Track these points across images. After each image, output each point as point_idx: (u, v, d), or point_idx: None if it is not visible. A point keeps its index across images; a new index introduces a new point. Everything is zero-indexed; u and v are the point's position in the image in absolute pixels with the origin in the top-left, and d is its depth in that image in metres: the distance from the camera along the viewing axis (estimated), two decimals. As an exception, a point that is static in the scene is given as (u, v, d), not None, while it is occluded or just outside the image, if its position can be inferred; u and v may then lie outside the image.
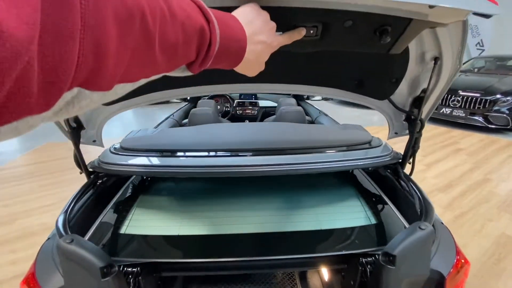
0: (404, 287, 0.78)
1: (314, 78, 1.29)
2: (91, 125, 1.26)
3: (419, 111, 1.09)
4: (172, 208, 1.23)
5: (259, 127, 1.45)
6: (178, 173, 1.11)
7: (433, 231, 0.80)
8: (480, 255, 2.09)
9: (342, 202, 1.24)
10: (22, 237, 2.43)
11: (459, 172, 3.45)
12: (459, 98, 5.19)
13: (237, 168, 1.07)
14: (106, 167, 1.12)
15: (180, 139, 1.30)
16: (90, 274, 0.74)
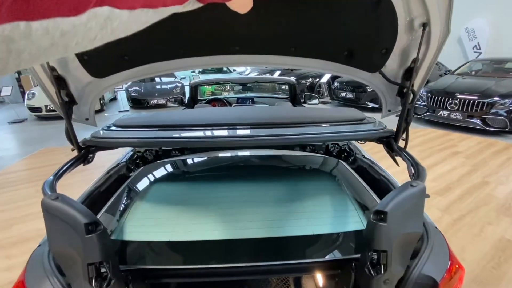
0: (397, 246, 0.77)
1: (303, 48, 1.27)
2: (83, 101, 1.25)
3: (410, 82, 1.09)
4: (164, 214, 1.23)
5: (255, 108, 1.46)
6: (170, 143, 1.12)
7: (424, 188, 0.78)
8: (479, 259, 2.07)
9: (335, 205, 1.24)
10: (18, 243, 2.41)
11: (457, 175, 3.45)
12: (457, 101, 5.21)
13: (233, 139, 1.07)
14: (98, 140, 1.12)
15: (174, 116, 1.31)
16: (74, 230, 0.72)
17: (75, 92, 1.18)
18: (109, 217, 1.16)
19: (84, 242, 0.74)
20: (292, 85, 2.95)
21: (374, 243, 0.77)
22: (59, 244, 0.77)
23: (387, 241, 0.76)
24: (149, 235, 1.10)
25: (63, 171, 1.03)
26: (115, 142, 1.14)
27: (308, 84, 8.00)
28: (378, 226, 0.76)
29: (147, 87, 7.92)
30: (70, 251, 0.76)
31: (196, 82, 3.00)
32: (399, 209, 0.75)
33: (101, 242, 0.76)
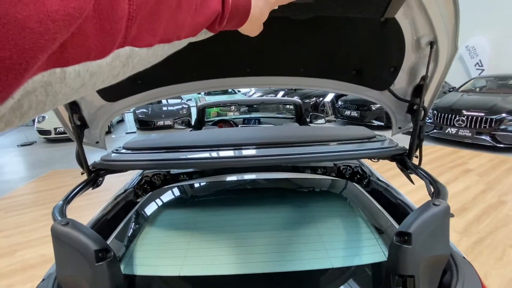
0: (425, 270, 0.71)
1: (312, 69, 1.28)
2: (94, 124, 1.27)
3: (420, 99, 1.08)
4: (173, 245, 1.18)
5: (264, 128, 1.45)
6: (181, 164, 1.10)
7: (448, 207, 0.74)
8: (504, 285, 1.93)
9: (354, 235, 1.18)
10: (21, 270, 2.35)
11: (471, 194, 3.33)
12: (464, 118, 5.17)
13: (243, 159, 1.05)
14: (108, 163, 1.11)
15: (183, 138, 1.30)
16: (84, 257, 0.70)
17: (87, 116, 1.20)
18: (116, 247, 1.13)
19: (93, 270, 0.71)
20: (298, 106, 2.97)
21: (400, 267, 0.72)
22: (67, 272, 0.74)
23: (413, 265, 0.70)
24: (157, 268, 1.05)
25: (73, 196, 1.02)
26: (125, 165, 1.13)
27: (312, 103, 8.08)
28: (403, 248, 0.70)
29: (154, 109, 8.08)
30: (78, 280, 0.73)
31: (204, 105, 3.04)
32: (424, 229, 0.71)
33: (111, 270, 0.73)
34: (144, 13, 0.24)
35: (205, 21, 0.36)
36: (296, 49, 1.16)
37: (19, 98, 0.17)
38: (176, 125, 3.40)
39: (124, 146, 1.28)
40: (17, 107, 0.18)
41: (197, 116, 3.04)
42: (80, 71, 0.21)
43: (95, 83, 0.24)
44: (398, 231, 0.73)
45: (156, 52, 0.30)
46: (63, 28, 0.17)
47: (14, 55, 0.15)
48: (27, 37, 0.15)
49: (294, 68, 1.27)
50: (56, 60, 0.18)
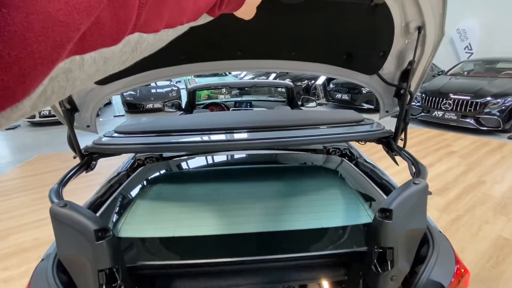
0: (403, 242, 0.79)
1: (303, 52, 1.30)
2: (85, 108, 1.26)
3: (407, 84, 1.13)
4: (166, 211, 1.22)
5: (255, 111, 1.48)
6: (173, 148, 1.13)
7: (427, 185, 0.81)
8: (478, 258, 2.10)
9: (341, 200, 1.26)
10: (14, 254, 2.36)
11: (453, 175, 3.50)
12: (451, 101, 5.29)
13: (235, 143, 1.09)
14: (100, 147, 1.13)
15: (176, 121, 1.32)
16: (84, 237, 0.73)
17: (77, 99, 1.18)
18: (109, 216, 1.16)
19: (94, 248, 0.74)
20: (289, 89, 2.96)
21: (381, 240, 0.79)
22: (68, 251, 0.77)
23: (393, 238, 0.78)
24: (151, 231, 1.09)
25: (68, 178, 1.03)
26: (117, 149, 1.14)
27: (304, 86, 8.05)
28: (384, 223, 0.77)
29: (142, 91, 7.86)
30: (79, 258, 0.76)
31: (194, 87, 2.99)
32: (404, 206, 0.77)
33: (110, 248, 0.76)
34: (152, 0, 0.25)
35: (206, 5, 0.37)
36: (287, 32, 1.16)
37: (45, 84, 0.19)
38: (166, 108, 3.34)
39: (116, 130, 1.27)
40: (42, 93, 0.19)
41: (187, 99, 3.00)
42: (96, 57, 0.22)
43: (106, 69, 0.25)
44: (381, 208, 0.79)
45: (161, 37, 0.32)
46: (86, 18, 0.18)
47: (49, 47, 0.17)
48: (58, 30, 0.17)
49: (286, 51, 1.27)
50: (76, 48, 0.20)
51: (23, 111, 0.18)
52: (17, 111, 0.18)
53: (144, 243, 1.05)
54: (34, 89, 0.17)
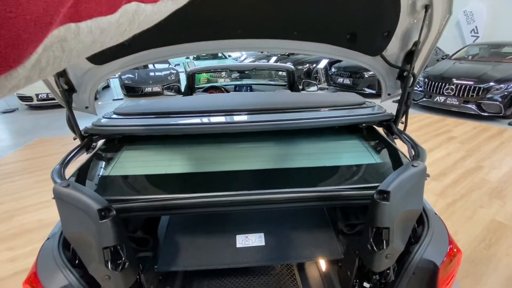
0: (399, 222, 0.82)
1: (305, 32, 1.26)
2: (82, 89, 1.25)
3: (411, 65, 1.11)
4: (162, 148, 1.22)
5: (256, 94, 1.46)
6: (173, 130, 1.12)
7: (425, 168, 0.82)
8: (470, 240, 2.15)
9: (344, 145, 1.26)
10: (19, 234, 2.42)
11: (452, 160, 3.52)
12: (453, 86, 5.22)
13: (236, 125, 1.09)
14: (100, 128, 1.14)
15: (175, 103, 1.31)
16: (88, 216, 0.75)
17: (74, 79, 1.17)
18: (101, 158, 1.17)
19: (98, 227, 0.76)
20: (291, 72, 2.91)
21: (377, 220, 0.81)
22: (73, 230, 0.79)
23: (389, 218, 0.80)
24: (145, 169, 1.11)
25: (69, 159, 1.04)
26: (117, 130, 1.14)
27: (305, 70, 7.91)
28: (381, 204, 0.79)
29: (141, 75, 7.73)
30: (84, 236, 0.78)
31: (193, 70, 2.94)
32: (401, 188, 0.79)
33: (114, 226, 0.78)
34: None
35: None
36: (289, 10, 1.12)
37: (40, 53, 0.18)
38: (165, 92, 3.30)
39: (115, 112, 1.27)
40: (37, 62, 0.19)
41: (187, 82, 2.96)
42: (92, 27, 0.22)
43: (104, 40, 0.25)
44: (379, 189, 0.80)
45: (160, 8, 0.31)
46: None
47: (41, 8, 0.16)
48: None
49: (288, 30, 1.23)
50: (71, 15, 0.19)
51: (17, 81, 0.18)
52: (11, 80, 0.17)
53: (138, 179, 1.07)
54: (27, 56, 0.17)
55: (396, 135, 1.16)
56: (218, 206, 0.93)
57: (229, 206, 0.93)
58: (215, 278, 1.33)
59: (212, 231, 1.32)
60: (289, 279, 1.33)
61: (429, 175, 0.87)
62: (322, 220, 1.40)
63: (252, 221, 1.36)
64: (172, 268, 1.18)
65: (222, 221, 1.38)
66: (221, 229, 1.32)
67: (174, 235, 1.32)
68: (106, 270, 0.79)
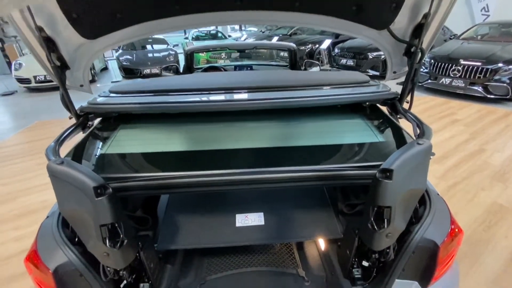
0: (401, 201, 0.80)
1: (308, 3, 1.19)
2: (76, 65, 1.21)
3: (419, 40, 1.06)
4: (159, 127, 1.20)
5: (256, 72, 1.42)
6: (170, 108, 1.08)
7: (430, 146, 0.79)
8: (470, 222, 2.17)
9: (346, 123, 1.23)
10: (24, 215, 2.46)
11: (454, 143, 3.48)
12: (460, 67, 5.07)
13: (235, 103, 1.05)
14: (95, 107, 1.11)
15: (172, 81, 1.28)
16: (84, 193, 0.74)
17: (67, 55, 1.13)
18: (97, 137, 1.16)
19: (94, 204, 0.75)
20: (292, 51, 2.81)
21: (379, 199, 0.79)
22: (69, 207, 0.78)
23: (391, 197, 0.77)
24: (141, 148, 1.10)
25: (64, 138, 1.03)
26: (112, 108, 1.12)
27: (308, 51, 7.70)
28: (384, 183, 0.76)
29: (139, 56, 7.57)
30: (81, 213, 0.77)
31: (192, 49, 2.85)
32: (406, 166, 0.76)
33: (111, 204, 0.77)
34: None
35: None
36: None
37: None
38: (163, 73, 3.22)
39: (111, 90, 1.24)
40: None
41: (185, 62, 2.87)
42: None
43: None
44: (381, 168, 0.78)
45: None
46: None
47: None
48: None
49: (289, 1, 1.16)
50: None
51: None
52: None
53: (133, 158, 1.05)
54: None
55: (401, 114, 1.12)
56: (217, 185, 0.92)
57: (228, 185, 0.92)
58: (215, 256, 1.34)
59: (212, 211, 1.32)
60: (288, 257, 1.34)
61: (434, 154, 0.84)
62: (322, 200, 1.39)
63: (252, 200, 1.36)
64: (172, 247, 1.19)
65: (222, 201, 1.38)
66: (221, 209, 1.33)
67: (174, 214, 1.33)
68: (104, 247, 0.79)
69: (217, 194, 1.43)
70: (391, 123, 1.17)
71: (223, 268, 1.29)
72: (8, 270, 1.90)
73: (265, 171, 0.90)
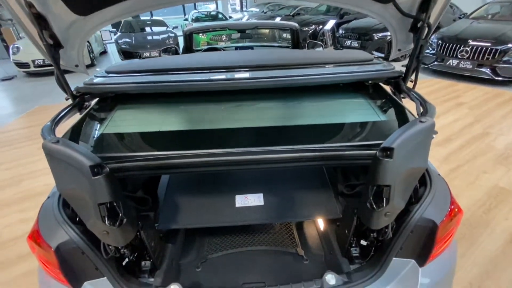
0: (401, 180, 0.79)
1: None
2: (70, 44, 1.18)
3: (426, 14, 1.01)
4: (157, 107, 1.19)
5: (257, 50, 1.38)
6: (168, 87, 1.05)
7: (433, 124, 0.77)
8: (470, 204, 2.17)
9: (348, 101, 1.21)
10: (29, 197, 2.51)
11: (458, 126, 3.43)
12: (468, 48, 4.90)
13: (234, 81, 1.02)
14: (91, 87, 1.10)
15: (170, 60, 1.25)
16: (80, 172, 0.74)
17: (59, 33, 1.09)
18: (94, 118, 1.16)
19: (91, 184, 0.75)
20: (295, 31, 2.72)
21: (379, 178, 0.77)
22: (67, 186, 0.78)
23: (391, 176, 0.76)
24: (139, 127, 1.10)
25: (60, 117, 1.02)
26: (109, 88, 1.10)
27: (311, 32, 7.47)
28: (384, 162, 0.75)
29: (138, 39, 7.40)
30: (79, 192, 0.77)
31: (191, 29, 2.76)
32: (406, 145, 0.74)
33: (108, 183, 0.77)
34: None
35: None
36: None
37: None
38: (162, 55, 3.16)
39: (107, 70, 1.21)
40: None
41: (184, 43, 2.80)
42: None
43: None
44: (382, 146, 0.76)
45: None
46: None
47: None
48: None
49: None
50: None
51: None
52: None
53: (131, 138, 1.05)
54: None
55: (405, 93, 1.09)
56: (216, 165, 0.91)
57: (227, 165, 0.91)
58: (215, 236, 1.36)
59: (212, 192, 1.33)
60: (288, 237, 1.36)
61: (436, 132, 0.82)
62: (321, 181, 1.39)
63: (252, 181, 1.36)
64: (172, 226, 1.21)
65: (222, 182, 1.38)
66: (221, 189, 1.33)
67: (174, 195, 1.34)
68: (104, 225, 0.79)
69: (217, 175, 1.43)
70: (394, 103, 1.14)
71: (223, 247, 1.31)
72: (15, 250, 1.96)
73: (265, 151, 0.89)
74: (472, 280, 1.60)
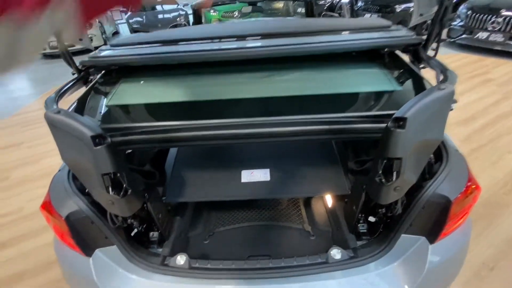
0: (413, 153, 0.73)
1: None
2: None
3: None
4: (163, 78, 1.16)
5: (269, 19, 1.31)
6: (175, 58, 1.03)
7: (453, 91, 0.70)
8: (491, 184, 2.06)
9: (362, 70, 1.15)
10: (48, 174, 2.59)
11: (483, 105, 3.20)
12: (500, 19, 4.46)
13: (247, 50, 0.97)
14: (96, 60, 1.10)
15: (177, 32, 1.21)
16: (82, 142, 0.75)
17: None
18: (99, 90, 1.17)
19: (94, 153, 0.75)
20: (309, 3, 2.56)
21: (389, 150, 0.72)
22: (70, 156, 0.79)
23: (403, 148, 0.71)
24: (144, 99, 1.09)
25: (65, 90, 1.02)
26: (114, 60, 1.08)
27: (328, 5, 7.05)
28: (396, 133, 0.69)
29: (149, 17, 7.33)
30: (82, 162, 0.78)
31: (199, 3, 2.66)
32: (421, 114, 0.68)
33: (110, 153, 0.77)
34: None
35: None
36: None
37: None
38: (171, 30, 3.10)
39: (112, 44, 1.19)
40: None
41: (193, 18, 2.71)
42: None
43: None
44: (394, 116, 0.70)
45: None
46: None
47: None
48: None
49: None
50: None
51: None
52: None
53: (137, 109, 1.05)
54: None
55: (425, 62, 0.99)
56: (222, 138, 0.88)
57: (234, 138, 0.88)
58: (223, 211, 1.38)
59: (219, 166, 1.32)
60: (295, 213, 1.35)
61: (456, 101, 0.75)
62: (330, 156, 1.35)
63: (260, 156, 1.34)
64: (179, 199, 1.22)
65: (229, 157, 1.37)
66: (228, 164, 1.32)
67: (181, 170, 1.34)
68: (108, 195, 0.81)
69: (224, 151, 1.42)
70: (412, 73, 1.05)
71: (230, 221, 1.33)
72: (38, 222, 2.09)
73: (276, 121, 0.85)
74: (486, 260, 1.55)
